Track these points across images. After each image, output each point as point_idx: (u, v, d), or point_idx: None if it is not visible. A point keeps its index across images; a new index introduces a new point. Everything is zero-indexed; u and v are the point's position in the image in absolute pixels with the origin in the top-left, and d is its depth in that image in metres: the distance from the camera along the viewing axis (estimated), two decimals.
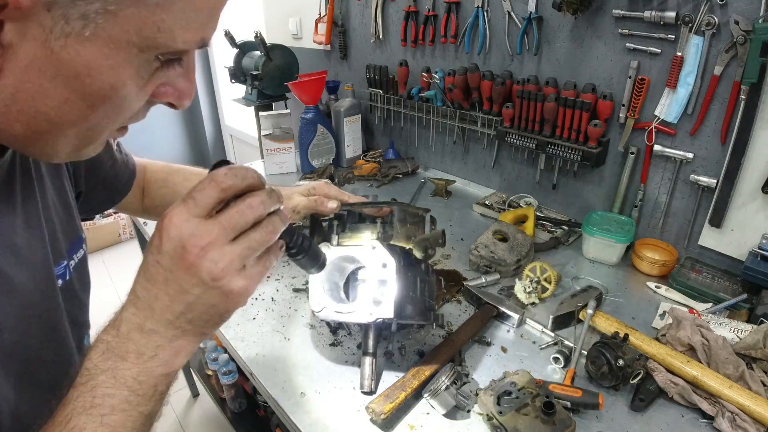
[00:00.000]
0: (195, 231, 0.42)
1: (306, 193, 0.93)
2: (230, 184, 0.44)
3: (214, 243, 0.42)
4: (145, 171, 0.96)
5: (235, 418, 1.89)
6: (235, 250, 0.43)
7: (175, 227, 0.42)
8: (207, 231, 0.42)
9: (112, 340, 0.44)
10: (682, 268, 1.19)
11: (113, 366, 0.43)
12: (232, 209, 0.44)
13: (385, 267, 0.84)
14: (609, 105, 1.26)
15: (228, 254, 0.43)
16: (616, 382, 0.86)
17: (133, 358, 0.44)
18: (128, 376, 0.43)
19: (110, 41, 0.38)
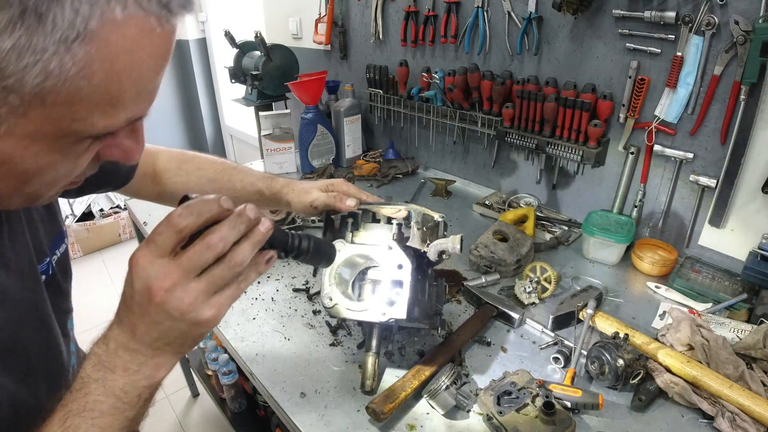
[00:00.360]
0: (158, 273, 0.46)
1: (324, 189, 0.93)
2: (185, 224, 0.46)
3: (177, 283, 0.46)
4: (157, 158, 0.96)
5: (235, 418, 1.89)
6: (200, 286, 0.47)
7: (141, 269, 0.46)
8: (169, 273, 0.46)
9: (103, 354, 0.49)
10: (682, 268, 1.19)
11: (103, 377, 0.48)
12: (191, 250, 0.47)
13: (401, 268, 0.84)
14: (609, 105, 1.26)
15: (192, 291, 0.46)
16: (616, 382, 0.86)
17: (120, 372, 0.48)
18: (116, 387, 0.48)
19: (26, 136, 0.40)
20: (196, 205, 0.47)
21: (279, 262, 1.32)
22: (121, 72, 0.39)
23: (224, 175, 0.96)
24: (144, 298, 0.46)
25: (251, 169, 1.00)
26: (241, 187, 0.96)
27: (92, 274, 3.15)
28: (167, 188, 0.96)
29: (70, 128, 0.41)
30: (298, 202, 0.93)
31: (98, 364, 0.48)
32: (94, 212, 3.47)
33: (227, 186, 0.96)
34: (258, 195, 0.96)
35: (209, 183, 0.96)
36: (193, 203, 0.47)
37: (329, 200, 0.91)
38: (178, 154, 0.98)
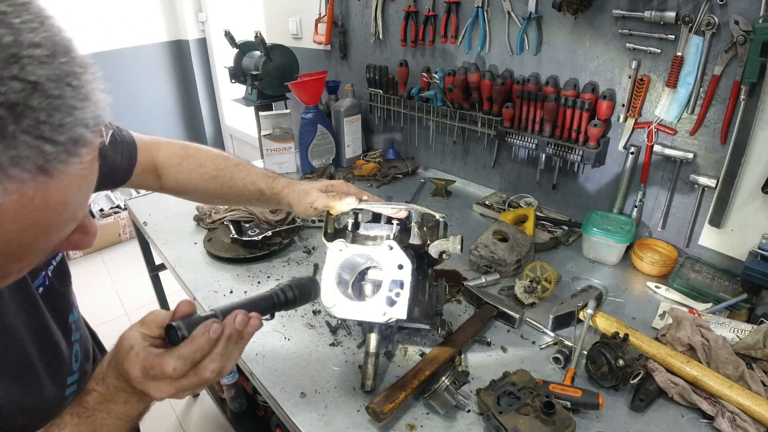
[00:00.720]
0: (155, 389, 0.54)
1: (324, 189, 0.93)
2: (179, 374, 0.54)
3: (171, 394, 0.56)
4: (158, 152, 0.95)
5: (235, 418, 1.89)
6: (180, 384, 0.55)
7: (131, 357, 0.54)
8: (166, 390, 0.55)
9: (104, 392, 0.57)
10: (682, 268, 1.19)
11: (107, 408, 0.57)
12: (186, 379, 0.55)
13: (401, 268, 0.84)
14: (609, 105, 1.26)
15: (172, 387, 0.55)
16: (616, 382, 0.86)
17: (122, 404, 0.57)
18: (119, 412, 0.57)
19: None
20: (188, 355, 0.54)
21: (279, 262, 1.32)
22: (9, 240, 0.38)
23: (225, 172, 0.96)
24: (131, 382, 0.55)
25: (253, 167, 0.99)
26: (243, 185, 0.96)
27: (92, 274, 3.14)
28: (169, 183, 0.96)
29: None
30: (299, 203, 0.93)
31: (101, 399, 0.57)
32: (94, 212, 3.47)
33: (228, 184, 0.96)
34: (259, 194, 0.96)
35: (211, 180, 0.95)
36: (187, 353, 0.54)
37: (329, 201, 0.92)
38: (180, 148, 0.97)
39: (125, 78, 3.61)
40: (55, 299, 0.72)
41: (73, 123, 0.37)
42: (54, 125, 0.36)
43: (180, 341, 0.55)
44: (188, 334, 0.55)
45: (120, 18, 3.43)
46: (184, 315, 0.58)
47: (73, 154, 0.38)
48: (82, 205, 0.44)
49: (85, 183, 0.42)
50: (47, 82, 0.35)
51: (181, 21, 3.74)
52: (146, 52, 3.69)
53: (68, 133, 0.37)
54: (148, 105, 3.82)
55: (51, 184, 0.37)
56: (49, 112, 0.35)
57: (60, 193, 0.39)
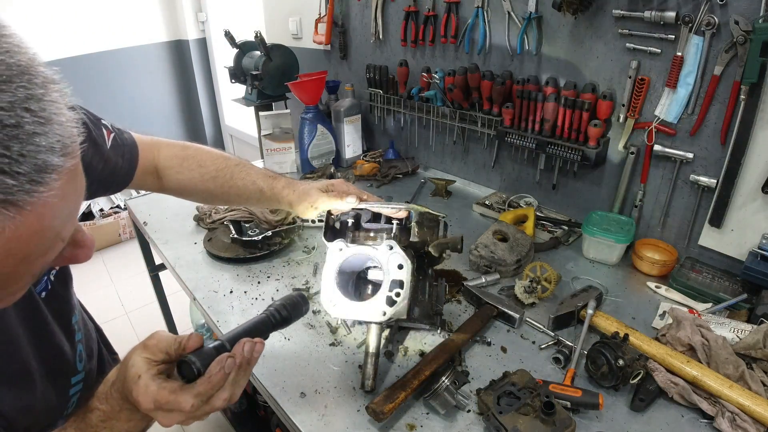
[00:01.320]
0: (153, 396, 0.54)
1: (324, 189, 0.93)
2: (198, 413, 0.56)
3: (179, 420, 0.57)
4: (159, 153, 0.95)
5: (235, 418, 1.89)
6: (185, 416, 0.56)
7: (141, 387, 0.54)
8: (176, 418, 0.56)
9: (108, 410, 0.58)
10: (682, 268, 1.19)
11: (110, 425, 0.58)
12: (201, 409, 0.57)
13: (401, 268, 0.84)
14: (609, 105, 1.26)
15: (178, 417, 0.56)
16: (616, 382, 0.86)
17: (124, 421, 0.58)
18: (122, 429, 0.58)
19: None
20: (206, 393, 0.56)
21: (279, 262, 1.32)
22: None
23: (226, 172, 0.96)
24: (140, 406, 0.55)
25: (253, 166, 0.99)
26: (243, 185, 0.96)
27: (92, 274, 3.14)
28: (170, 184, 0.96)
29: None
30: (299, 203, 0.93)
31: (106, 418, 0.58)
32: (94, 212, 3.47)
33: (229, 184, 0.96)
34: (259, 194, 0.96)
35: (211, 180, 0.95)
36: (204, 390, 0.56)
37: (329, 201, 0.92)
38: (180, 149, 0.97)
39: (125, 78, 3.61)
40: (58, 302, 0.72)
41: (35, 151, 0.34)
42: (12, 157, 0.33)
43: (195, 377, 0.56)
44: (203, 370, 0.56)
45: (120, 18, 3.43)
46: (193, 349, 0.58)
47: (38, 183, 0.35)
48: (66, 225, 0.42)
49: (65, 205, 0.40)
50: (0, 112, 0.33)
51: (181, 21, 3.74)
52: (146, 52, 3.69)
53: (30, 162, 0.34)
54: (148, 105, 3.82)
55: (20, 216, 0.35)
56: (5, 144, 0.33)
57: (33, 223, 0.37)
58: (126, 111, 3.63)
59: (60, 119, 0.37)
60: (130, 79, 3.64)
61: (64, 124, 0.37)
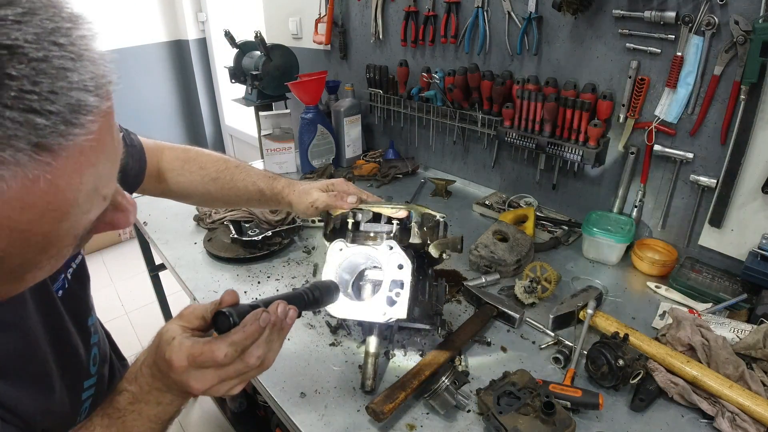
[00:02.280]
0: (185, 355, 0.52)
1: (324, 189, 0.94)
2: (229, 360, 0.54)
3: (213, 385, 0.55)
4: (162, 156, 0.96)
5: (235, 418, 1.89)
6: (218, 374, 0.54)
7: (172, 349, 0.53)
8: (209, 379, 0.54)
9: (137, 392, 0.56)
10: (682, 268, 1.19)
11: (139, 409, 0.56)
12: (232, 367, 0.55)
13: (401, 268, 0.84)
14: (609, 105, 1.26)
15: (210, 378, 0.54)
16: (616, 382, 0.86)
17: (154, 405, 0.56)
18: (151, 414, 0.56)
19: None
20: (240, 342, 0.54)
21: (279, 262, 1.32)
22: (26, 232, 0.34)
23: (226, 173, 0.97)
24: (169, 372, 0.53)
25: (253, 168, 1.00)
26: (243, 186, 0.96)
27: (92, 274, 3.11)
28: (171, 186, 0.97)
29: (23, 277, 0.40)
30: (299, 203, 0.93)
31: (134, 400, 0.56)
32: None
33: (229, 185, 0.96)
34: (259, 194, 0.97)
35: (212, 182, 0.96)
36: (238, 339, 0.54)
37: (329, 200, 0.92)
38: (182, 152, 0.98)
39: (125, 78, 3.60)
40: (75, 302, 0.71)
41: (67, 87, 0.32)
42: (42, 94, 0.30)
43: (230, 327, 0.55)
44: (239, 321, 0.55)
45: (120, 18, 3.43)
46: (229, 304, 0.58)
47: (73, 124, 0.32)
48: (107, 180, 0.39)
49: (103, 155, 0.37)
50: (26, 45, 0.30)
51: (181, 21, 3.74)
52: (146, 52, 3.69)
53: (62, 101, 0.31)
54: (148, 105, 3.82)
55: (55, 163, 0.32)
56: (33, 79, 0.30)
57: (71, 173, 0.34)
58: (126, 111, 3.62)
59: (92, 55, 0.34)
60: (130, 79, 3.64)
61: (96, 61, 0.35)
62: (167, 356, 0.53)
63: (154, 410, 0.56)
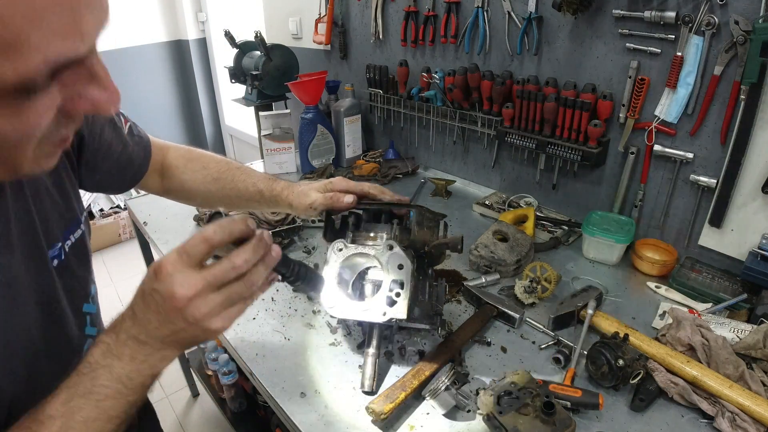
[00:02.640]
0: (184, 282, 0.50)
1: (322, 190, 0.94)
2: (218, 240, 0.52)
3: (199, 294, 0.51)
4: (167, 154, 0.98)
5: (235, 418, 1.89)
6: (217, 299, 0.52)
7: (169, 275, 0.50)
8: (194, 283, 0.50)
9: (112, 343, 0.53)
10: (682, 268, 1.19)
11: (110, 363, 0.52)
12: (218, 267, 0.52)
13: (401, 268, 0.84)
14: (609, 105, 1.26)
15: (211, 303, 0.51)
16: (616, 382, 0.86)
17: (127, 360, 0.52)
18: (122, 374, 0.52)
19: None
20: (227, 224, 0.53)
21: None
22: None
23: (227, 174, 0.98)
24: (166, 302, 0.50)
25: (254, 170, 1.01)
26: (243, 187, 0.97)
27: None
28: (174, 184, 0.98)
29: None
30: (299, 204, 0.94)
31: (107, 352, 0.52)
32: (94, 212, 3.47)
33: (230, 185, 0.97)
34: (259, 195, 0.97)
35: (213, 182, 0.97)
36: (225, 222, 0.53)
37: (328, 201, 0.92)
38: (186, 151, 1.00)
39: (125, 78, 3.61)
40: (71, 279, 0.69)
41: None
42: None
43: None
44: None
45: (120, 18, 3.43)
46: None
47: None
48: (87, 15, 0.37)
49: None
50: None
51: (181, 21, 3.74)
52: (146, 52, 3.69)
53: None
54: (148, 105, 3.82)
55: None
56: None
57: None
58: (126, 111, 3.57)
59: None
60: (130, 79, 3.64)
61: None
62: (157, 264, 0.50)
63: (127, 366, 0.52)
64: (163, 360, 0.54)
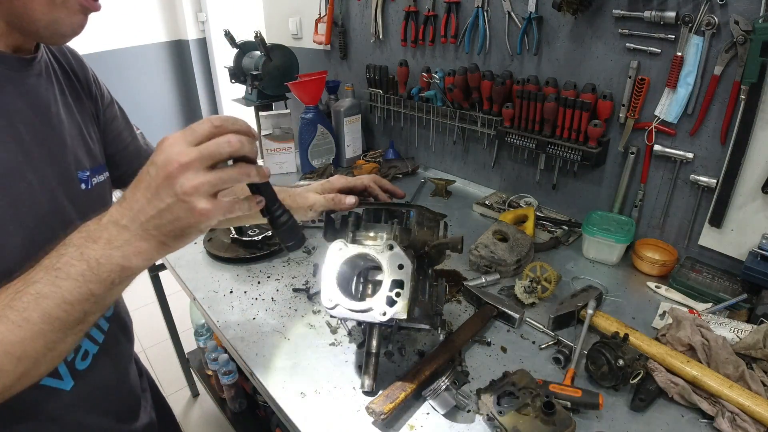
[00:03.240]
0: (180, 151, 0.49)
1: (321, 190, 0.94)
2: (221, 123, 0.52)
3: (191, 163, 0.49)
4: None
5: (235, 418, 1.89)
6: (208, 176, 0.50)
7: (168, 146, 0.50)
8: (188, 153, 0.49)
9: (92, 226, 0.52)
10: (682, 268, 1.19)
11: (84, 244, 0.50)
12: (213, 140, 0.51)
13: (401, 268, 0.84)
14: (609, 105, 1.26)
15: (201, 177, 0.49)
16: (616, 382, 0.86)
17: (102, 243, 0.50)
18: (92, 256, 0.50)
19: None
20: (233, 117, 0.54)
21: (279, 262, 1.32)
22: None
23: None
24: (158, 170, 0.49)
25: None
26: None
27: None
28: None
29: None
30: (298, 207, 0.94)
31: (85, 234, 0.51)
32: None
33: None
34: None
35: None
36: (232, 117, 0.54)
37: (327, 203, 0.92)
38: None
39: (125, 78, 3.61)
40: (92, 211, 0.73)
41: None
42: None
43: None
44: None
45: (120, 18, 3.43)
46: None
47: None
48: None
49: None
50: None
51: (181, 21, 3.74)
52: (146, 52, 3.69)
53: None
54: (148, 105, 3.82)
55: None
56: None
57: None
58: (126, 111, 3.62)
59: None
60: (130, 79, 3.64)
61: None
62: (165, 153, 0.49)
63: (99, 251, 0.50)
64: (139, 253, 0.51)
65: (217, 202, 0.52)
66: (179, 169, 0.48)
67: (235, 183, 0.53)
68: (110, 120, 0.85)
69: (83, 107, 0.77)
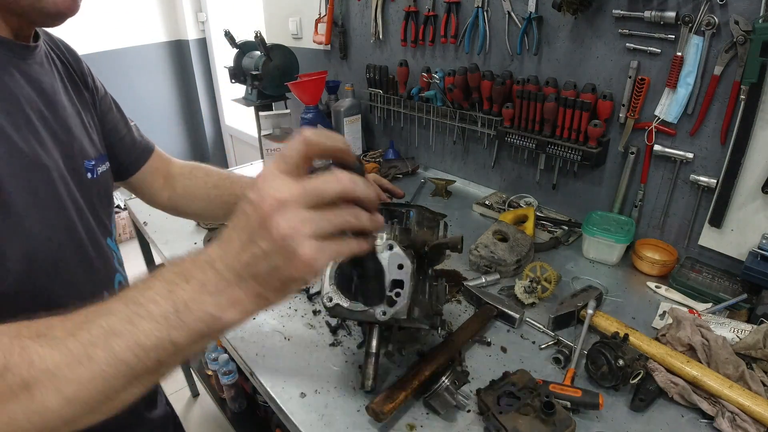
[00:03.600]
0: (277, 185, 0.41)
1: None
2: (314, 140, 0.43)
3: (290, 201, 0.41)
4: (171, 163, 1.03)
5: (235, 418, 1.89)
6: (311, 216, 0.41)
7: (263, 179, 0.42)
8: (288, 188, 0.41)
9: (188, 264, 0.44)
10: (682, 268, 1.19)
11: (174, 281, 0.43)
12: (319, 177, 0.43)
13: (401, 268, 0.84)
14: (609, 105, 1.26)
15: (301, 217, 0.41)
16: (616, 382, 0.86)
17: (195, 285, 0.43)
18: (181, 297, 0.42)
19: None
20: (329, 132, 0.45)
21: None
22: None
23: (227, 182, 1.02)
24: (253, 209, 0.42)
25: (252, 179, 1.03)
26: (241, 192, 0.99)
27: None
28: (177, 191, 1.02)
29: None
30: None
31: (179, 271, 0.44)
32: None
33: (228, 191, 1.01)
34: None
35: (213, 188, 1.02)
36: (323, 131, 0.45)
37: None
38: (190, 163, 1.07)
39: (125, 78, 3.61)
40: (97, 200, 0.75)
41: None
42: None
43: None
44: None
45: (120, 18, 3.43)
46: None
47: None
48: None
49: None
50: None
51: (181, 21, 3.74)
52: (146, 52, 3.69)
53: None
54: (148, 105, 3.82)
55: None
56: None
57: None
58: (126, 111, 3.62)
59: None
60: (130, 79, 3.64)
61: None
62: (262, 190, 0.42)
63: (190, 292, 0.42)
64: (232, 304, 0.43)
65: (321, 246, 0.42)
66: (275, 207, 0.41)
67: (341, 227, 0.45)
68: (106, 111, 0.86)
69: (82, 98, 0.78)
